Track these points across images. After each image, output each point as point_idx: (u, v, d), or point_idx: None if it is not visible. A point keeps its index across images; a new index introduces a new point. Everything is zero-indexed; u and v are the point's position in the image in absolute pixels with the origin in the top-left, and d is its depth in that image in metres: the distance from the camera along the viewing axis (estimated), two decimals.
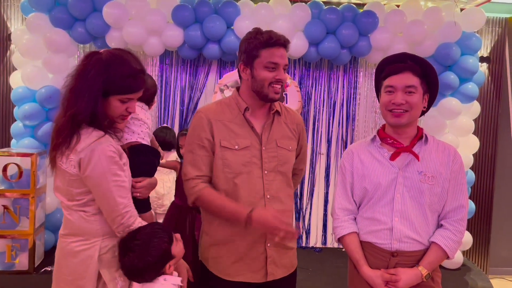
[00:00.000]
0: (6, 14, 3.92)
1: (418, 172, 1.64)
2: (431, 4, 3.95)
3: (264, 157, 1.71)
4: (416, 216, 1.63)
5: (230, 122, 1.72)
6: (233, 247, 1.71)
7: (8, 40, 3.91)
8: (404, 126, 1.67)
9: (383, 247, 1.64)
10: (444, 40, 3.74)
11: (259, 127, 1.75)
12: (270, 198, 1.71)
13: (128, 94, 1.54)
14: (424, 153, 1.67)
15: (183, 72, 4.09)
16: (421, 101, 1.66)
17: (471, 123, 3.89)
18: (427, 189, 1.62)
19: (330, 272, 3.66)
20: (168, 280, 1.55)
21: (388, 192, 1.65)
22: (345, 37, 3.73)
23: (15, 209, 3.27)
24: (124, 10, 3.57)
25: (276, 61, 1.66)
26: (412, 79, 1.63)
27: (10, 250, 3.27)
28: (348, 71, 4.23)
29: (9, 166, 3.25)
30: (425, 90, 1.66)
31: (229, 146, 1.68)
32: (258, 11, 3.71)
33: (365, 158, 1.73)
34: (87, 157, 1.47)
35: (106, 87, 1.49)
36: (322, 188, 4.31)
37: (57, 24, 3.59)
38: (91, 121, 1.51)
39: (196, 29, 3.66)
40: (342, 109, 4.25)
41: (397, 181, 1.65)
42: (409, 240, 1.62)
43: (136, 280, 1.54)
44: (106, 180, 1.49)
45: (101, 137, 1.50)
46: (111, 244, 1.57)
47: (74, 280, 1.55)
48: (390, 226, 1.63)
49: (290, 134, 1.81)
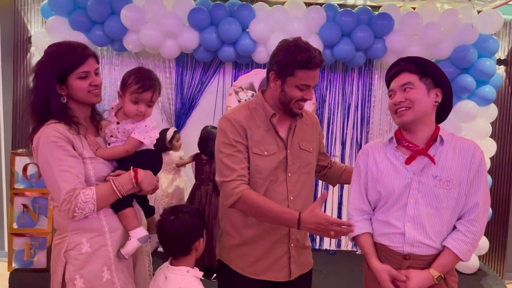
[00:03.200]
0: (26, 17, 4.01)
1: (433, 177, 1.61)
2: (447, 6, 3.92)
3: (288, 160, 1.75)
4: (430, 221, 1.61)
5: (258, 128, 1.74)
6: (258, 248, 1.75)
7: (28, 43, 4.00)
8: (414, 125, 1.65)
9: (395, 249, 1.65)
10: (461, 42, 3.71)
11: (283, 131, 1.78)
12: (293, 200, 1.76)
13: (78, 67, 1.57)
14: (440, 155, 1.63)
15: (198, 74, 4.13)
16: (425, 96, 1.63)
17: (488, 126, 3.85)
18: (443, 194, 1.60)
19: (344, 275, 3.65)
20: (191, 272, 1.62)
21: (401, 197, 1.64)
22: (360, 40, 3.73)
23: (34, 208, 3.34)
24: (141, 13, 3.63)
25: (309, 84, 1.68)
26: (408, 77, 1.64)
27: (29, 248, 3.34)
28: (363, 73, 4.22)
29: (29, 166, 3.32)
30: (430, 85, 1.64)
31: (259, 152, 1.72)
32: (273, 14, 3.73)
33: (380, 161, 1.72)
34: (35, 144, 1.54)
35: (57, 73, 1.55)
36: (336, 190, 4.30)
37: (76, 27, 3.66)
38: (48, 112, 1.56)
39: (212, 32, 3.70)
40: (356, 111, 4.24)
41: (411, 186, 1.63)
42: (422, 245, 1.61)
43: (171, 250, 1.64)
44: (48, 164, 1.50)
45: (49, 124, 1.54)
46: (78, 240, 1.56)
47: (52, 273, 1.61)
48: (402, 231, 1.63)
49: (310, 136, 1.87)
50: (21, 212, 3.33)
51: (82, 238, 1.56)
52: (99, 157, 1.64)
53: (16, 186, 3.34)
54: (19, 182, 3.37)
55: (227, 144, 1.70)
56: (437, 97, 1.66)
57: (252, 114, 1.75)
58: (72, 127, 1.56)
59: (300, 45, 1.66)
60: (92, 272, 1.56)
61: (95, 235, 1.59)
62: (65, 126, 1.55)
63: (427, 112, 1.64)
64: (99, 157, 1.63)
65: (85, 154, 1.58)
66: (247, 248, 1.76)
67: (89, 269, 1.56)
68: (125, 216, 1.65)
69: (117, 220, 1.66)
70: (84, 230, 1.57)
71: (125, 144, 1.69)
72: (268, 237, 1.74)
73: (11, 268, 3.35)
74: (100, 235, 1.60)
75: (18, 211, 3.33)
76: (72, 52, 1.58)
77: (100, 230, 1.60)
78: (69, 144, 1.53)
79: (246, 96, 3.97)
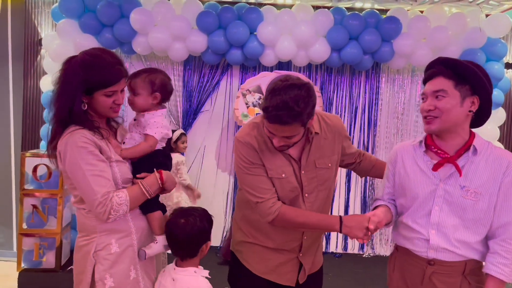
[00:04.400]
0: (37, 20, 4.06)
1: (461, 187, 1.53)
2: (455, 10, 3.92)
3: (303, 181, 1.70)
4: (455, 231, 1.53)
5: (271, 151, 1.67)
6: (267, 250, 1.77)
7: (39, 45, 4.05)
8: (444, 133, 1.57)
9: (420, 254, 1.59)
10: (469, 46, 3.71)
11: (296, 152, 1.70)
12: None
13: (109, 87, 1.57)
14: (471, 166, 1.54)
15: (206, 76, 4.15)
16: (458, 105, 1.51)
17: (496, 130, 3.84)
18: (470, 206, 1.51)
19: (350, 277, 3.65)
20: (198, 273, 1.64)
21: (426, 204, 1.58)
22: (367, 43, 3.74)
23: (44, 209, 3.37)
24: (150, 16, 3.66)
25: (271, 131, 1.56)
26: (442, 83, 1.53)
27: (38, 248, 3.37)
28: (370, 76, 4.22)
29: (39, 167, 3.36)
30: (466, 92, 1.52)
31: (276, 175, 1.67)
32: (281, 17, 3.75)
33: (408, 165, 1.66)
34: (62, 150, 1.54)
35: (87, 85, 1.55)
36: (343, 193, 4.30)
37: (86, 30, 3.71)
38: (71, 120, 1.56)
39: (220, 35, 3.72)
40: (363, 114, 4.24)
41: (436, 193, 1.56)
42: (447, 251, 1.54)
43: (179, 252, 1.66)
44: (80, 169, 1.51)
45: (75, 130, 1.55)
46: (107, 241, 1.60)
47: (77, 274, 1.64)
48: (427, 237, 1.57)
49: (330, 149, 1.75)
50: (30, 213, 3.36)
51: (111, 239, 1.60)
52: (124, 156, 1.67)
53: (26, 186, 3.38)
54: (28, 182, 3.41)
55: (248, 164, 1.66)
56: (473, 105, 1.54)
57: (262, 135, 1.67)
58: (96, 132, 1.58)
59: (274, 89, 1.51)
60: (121, 272, 1.60)
61: (123, 235, 1.63)
62: (90, 132, 1.57)
63: (457, 122, 1.54)
64: (124, 160, 1.66)
65: (113, 158, 1.61)
66: (257, 248, 1.79)
67: (118, 268, 1.60)
68: (155, 219, 1.70)
69: (141, 221, 1.70)
70: (113, 231, 1.61)
71: (145, 140, 1.72)
72: (279, 245, 1.76)
73: (20, 268, 3.38)
74: (127, 235, 1.64)
75: (28, 212, 3.36)
76: (109, 69, 1.57)
77: (128, 230, 1.64)
78: (97, 149, 1.55)
79: (253, 98, 3.99)
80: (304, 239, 1.76)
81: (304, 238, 1.76)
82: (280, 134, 1.54)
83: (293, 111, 1.46)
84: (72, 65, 1.57)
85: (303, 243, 1.77)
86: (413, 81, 4.24)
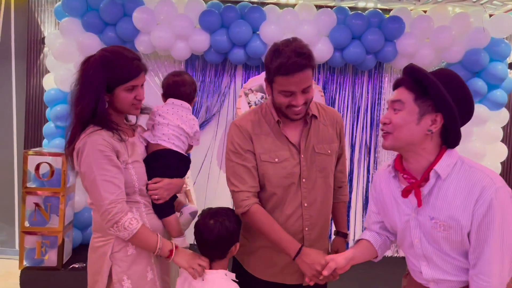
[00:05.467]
0: (40, 19, 4.07)
1: (430, 218, 1.36)
2: (459, 10, 3.91)
3: (302, 165, 1.68)
4: (442, 260, 1.40)
5: (267, 135, 1.68)
6: (269, 253, 1.74)
7: (41, 44, 4.06)
8: (405, 153, 1.40)
9: (423, 284, 1.48)
10: (472, 46, 3.70)
11: (296, 134, 1.70)
12: (308, 206, 1.71)
13: (129, 81, 1.57)
14: (439, 192, 1.34)
15: (208, 76, 4.15)
16: (413, 123, 1.33)
17: (499, 131, 3.83)
18: (442, 238, 1.35)
19: (352, 277, 3.63)
20: (228, 276, 1.64)
21: (405, 235, 1.46)
22: (370, 43, 3.73)
23: (46, 207, 3.38)
24: (153, 15, 3.66)
25: (291, 90, 1.56)
26: (402, 94, 1.36)
27: (40, 246, 3.38)
28: (373, 76, 4.21)
29: (42, 165, 3.36)
30: (426, 109, 1.33)
31: (269, 159, 1.66)
32: (284, 17, 3.74)
33: (385, 190, 1.53)
34: (79, 150, 1.53)
35: (107, 82, 1.55)
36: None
37: (89, 28, 3.71)
38: (94, 119, 1.56)
39: (223, 34, 3.72)
40: (366, 114, 4.23)
41: (411, 224, 1.42)
42: (445, 281, 1.42)
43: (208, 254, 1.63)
44: (92, 172, 1.51)
45: (94, 131, 1.54)
46: (123, 243, 1.60)
47: (92, 274, 1.64)
48: (419, 269, 1.46)
49: (329, 136, 1.74)
50: (32, 211, 3.37)
51: (127, 241, 1.59)
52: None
53: (28, 185, 3.38)
54: (31, 181, 3.42)
55: (236, 152, 1.67)
56: (434, 124, 1.34)
57: (260, 120, 1.70)
58: (115, 133, 1.58)
59: (278, 49, 1.56)
60: (138, 273, 1.61)
61: None
62: (109, 133, 1.56)
63: (413, 142, 1.35)
64: (140, 161, 1.66)
65: (129, 160, 1.60)
66: (259, 253, 1.76)
67: (135, 270, 1.61)
68: (170, 223, 1.72)
69: (157, 223, 1.70)
70: None
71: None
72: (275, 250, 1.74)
73: (22, 266, 3.38)
74: None
75: (30, 210, 3.37)
76: (128, 64, 1.57)
77: None
78: (114, 153, 1.55)
79: (256, 98, 3.99)
80: (305, 234, 1.72)
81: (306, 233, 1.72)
82: (301, 86, 1.55)
83: (306, 54, 1.53)
84: (91, 64, 1.57)
85: (304, 242, 1.74)
86: None
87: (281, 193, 1.68)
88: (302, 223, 1.71)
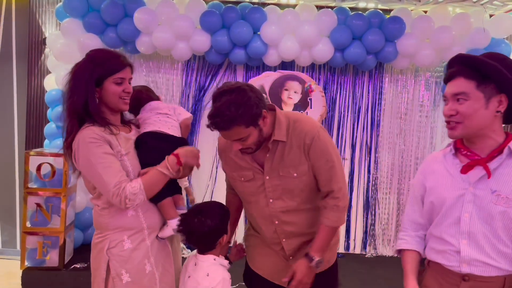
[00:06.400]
0: (41, 19, 4.08)
1: (491, 191, 1.38)
2: (459, 10, 3.91)
3: (267, 187, 1.69)
4: (488, 241, 1.38)
5: (235, 155, 1.71)
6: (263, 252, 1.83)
7: (43, 44, 4.06)
8: (471, 138, 1.43)
9: (452, 269, 1.44)
10: (473, 46, 3.70)
11: (261, 156, 1.68)
12: (279, 223, 1.73)
13: (117, 72, 1.64)
14: (504, 169, 1.38)
15: (209, 76, 4.15)
16: (482, 108, 1.37)
17: None
18: (499, 213, 1.36)
19: (353, 278, 3.64)
20: (217, 260, 1.73)
21: (454, 210, 1.44)
22: (371, 43, 3.74)
23: (47, 207, 3.39)
24: (154, 16, 3.67)
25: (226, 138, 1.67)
26: (462, 84, 1.38)
27: (42, 246, 3.39)
28: (373, 76, 4.21)
29: (43, 165, 3.37)
30: (490, 92, 1.37)
31: (237, 178, 1.74)
32: (285, 17, 3.75)
33: (437, 169, 1.52)
34: (75, 148, 1.60)
35: (96, 75, 1.62)
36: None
37: (90, 29, 3.72)
38: (85, 114, 1.61)
39: (223, 34, 3.73)
40: (367, 114, 4.24)
41: (465, 199, 1.42)
42: (481, 264, 1.39)
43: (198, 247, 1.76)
44: (91, 163, 1.58)
45: (86, 127, 1.61)
46: (119, 238, 1.65)
47: (93, 270, 1.71)
48: (457, 248, 1.42)
49: (296, 158, 1.65)
50: (34, 211, 3.37)
51: (123, 236, 1.66)
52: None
53: (30, 185, 3.39)
54: (32, 181, 3.42)
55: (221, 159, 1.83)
56: (501, 105, 1.38)
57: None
58: (106, 128, 1.63)
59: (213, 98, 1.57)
60: (136, 266, 1.66)
61: (135, 232, 1.68)
62: (100, 128, 1.62)
63: (484, 125, 1.39)
64: (133, 153, 1.71)
65: (122, 151, 1.65)
66: (258, 239, 1.85)
67: (133, 264, 1.66)
68: (164, 206, 1.74)
69: (153, 216, 1.73)
70: (125, 228, 1.66)
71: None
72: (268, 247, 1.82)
73: (24, 266, 3.39)
74: (139, 231, 1.69)
75: (31, 210, 3.38)
76: (114, 58, 1.66)
77: (139, 227, 1.69)
78: (106, 143, 1.61)
79: None
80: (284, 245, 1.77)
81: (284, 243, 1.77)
82: (229, 139, 1.58)
83: (225, 117, 1.47)
84: (80, 64, 1.66)
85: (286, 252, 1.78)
86: (417, 81, 4.24)
87: (253, 208, 1.77)
88: (278, 236, 1.76)
